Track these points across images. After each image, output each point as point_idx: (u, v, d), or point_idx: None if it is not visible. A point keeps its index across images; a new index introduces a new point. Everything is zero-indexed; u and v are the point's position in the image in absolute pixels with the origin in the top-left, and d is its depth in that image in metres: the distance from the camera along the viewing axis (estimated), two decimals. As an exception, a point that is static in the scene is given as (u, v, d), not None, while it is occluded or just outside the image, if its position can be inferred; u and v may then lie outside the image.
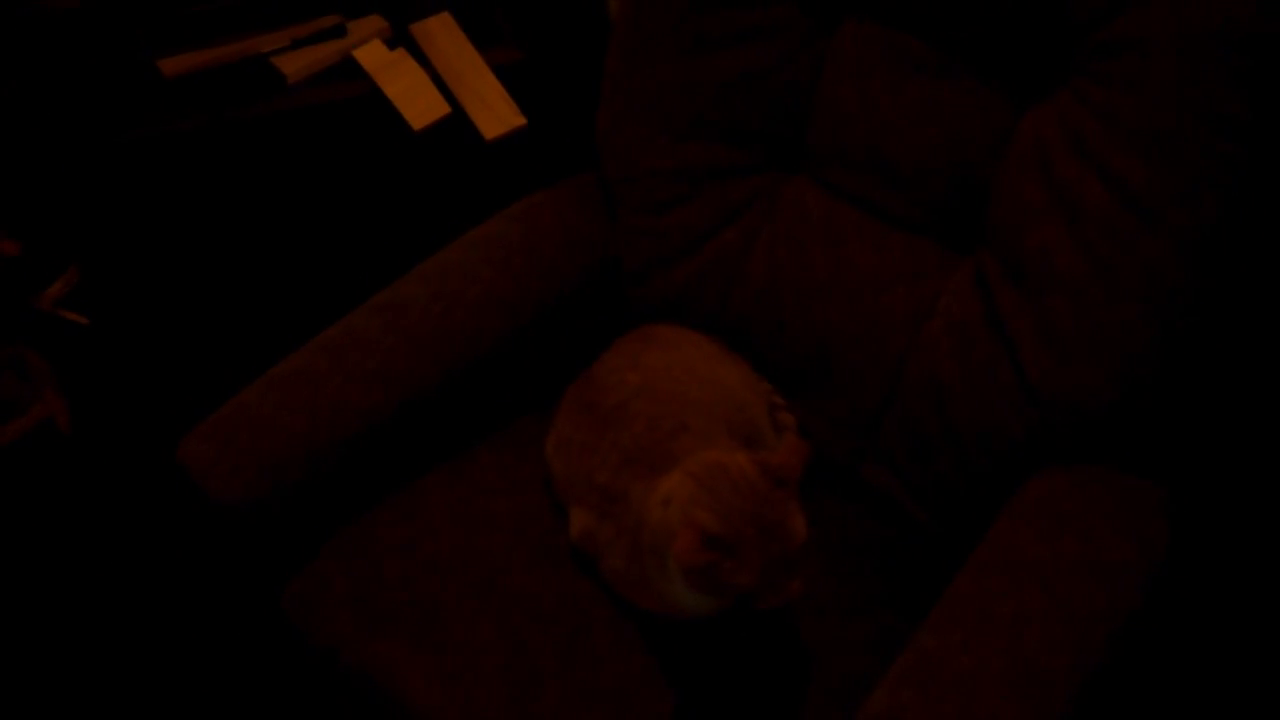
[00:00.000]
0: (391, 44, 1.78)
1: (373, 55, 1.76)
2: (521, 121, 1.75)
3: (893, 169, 1.21)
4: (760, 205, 1.30)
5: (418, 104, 1.74)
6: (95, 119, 1.68)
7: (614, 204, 1.36)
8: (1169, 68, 1.01)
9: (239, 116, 1.70)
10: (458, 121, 1.75)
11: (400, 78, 1.75)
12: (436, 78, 1.76)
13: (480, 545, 1.18)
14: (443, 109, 1.74)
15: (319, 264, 1.84)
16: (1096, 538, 1.04)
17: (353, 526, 1.20)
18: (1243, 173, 1.01)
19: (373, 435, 1.19)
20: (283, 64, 1.73)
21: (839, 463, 1.27)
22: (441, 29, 1.80)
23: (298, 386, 1.18)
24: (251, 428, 1.15)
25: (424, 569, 1.16)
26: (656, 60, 1.29)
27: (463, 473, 1.26)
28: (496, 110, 1.75)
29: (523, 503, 1.22)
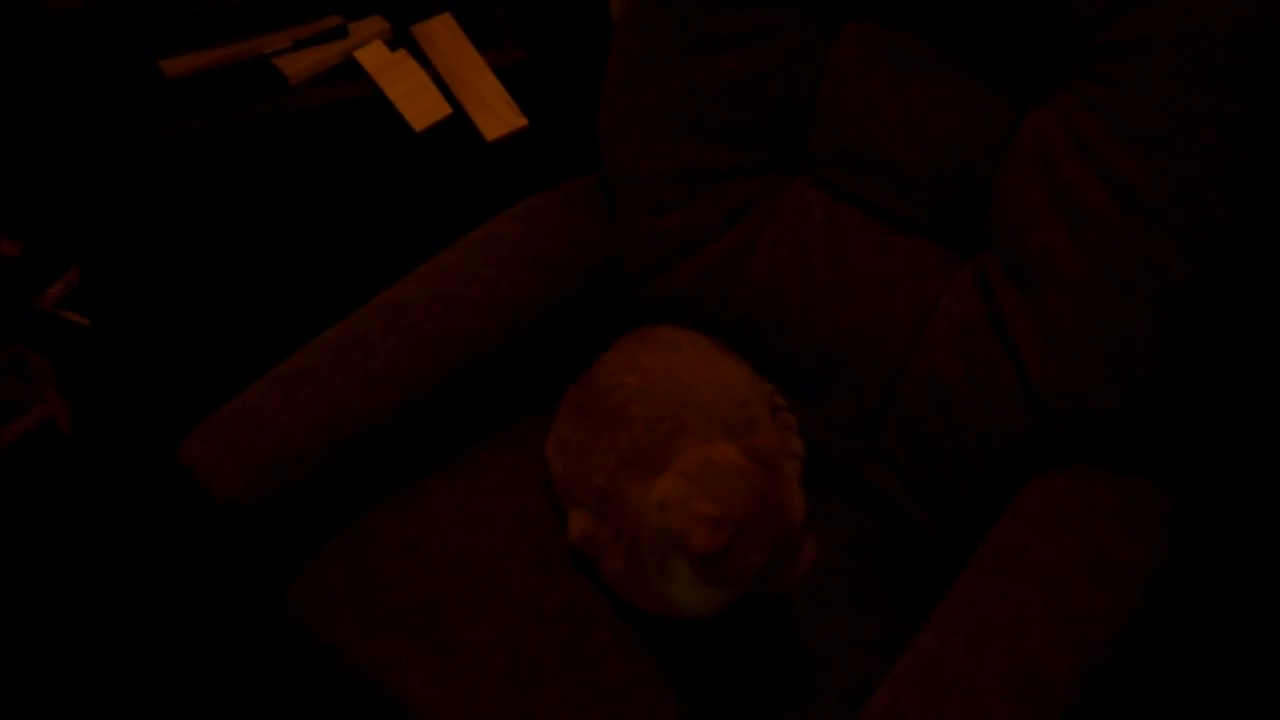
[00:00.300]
0: (393, 45, 1.78)
1: (374, 56, 1.77)
2: (523, 122, 1.76)
3: (895, 170, 1.21)
4: (762, 206, 1.30)
5: (419, 105, 1.74)
6: (97, 119, 1.69)
7: (615, 205, 1.36)
8: (1171, 68, 1.01)
9: (240, 117, 1.70)
10: (459, 122, 1.75)
11: (402, 79, 1.75)
12: (438, 79, 1.76)
13: (482, 545, 1.18)
14: (444, 110, 1.74)
15: (320, 265, 1.85)
16: (1099, 539, 1.04)
17: (354, 526, 1.20)
18: (1245, 174, 1.01)
19: (373, 436, 1.19)
20: (284, 65, 1.73)
21: (841, 463, 1.27)
22: (443, 30, 1.80)
23: (299, 387, 1.18)
24: (253, 428, 1.15)
25: (425, 569, 1.16)
26: (658, 61, 1.28)
27: (464, 473, 1.26)
28: (498, 111, 1.76)
29: (524, 503, 1.22)
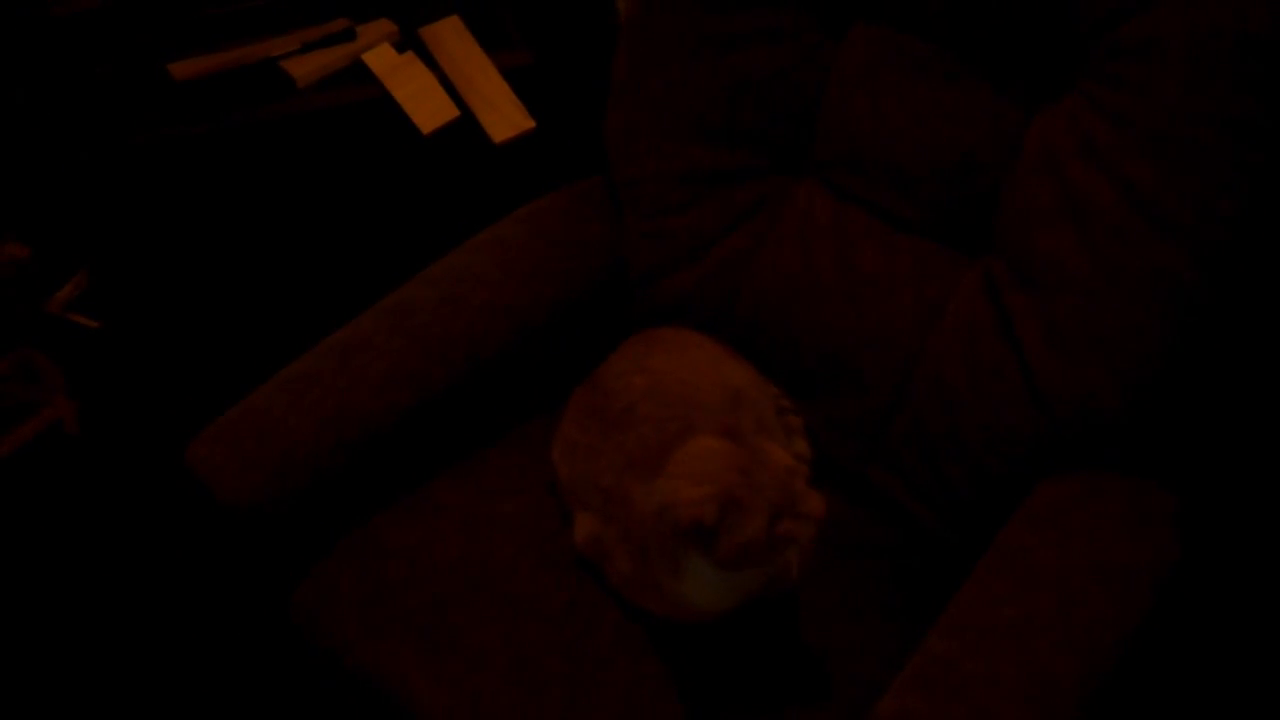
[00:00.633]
0: (401, 48, 1.78)
1: (382, 59, 1.77)
2: (530, 125, 1.76)
3: (901, 172, 1.21)
4: (768, 209, 1.30)
5: (427, 107, 1.74)
6: (106, 123, 1.69)
7: (621, 207, 1.36)
8: (1179, 71, 1.01)
9: (249, 120, 1.70)
10: (466, 125, 1.75)
11: (409, 81, 1.75)
12: (445, 81, 1.76)
13: (488, 548, 1.18)
14: (451, 112, 1.75)
15: (328, 267, 1.85)
16: (1106, 542, 1.04)
17: (360, 529, 1.20)
18: (1254, 176, 1.01)
19: (378, 439, 1.19)
20: (292, 68, 1.73)
21: (847, 466, 1.26)
22: (450, 33, 1.80)
23: (305, 389, 1.18)
24: (259, 430, 1.15)
25: (431, 571, 1.16)
26: (665, 63, 1.28)
27: (471, 475, 1.26)
28: (505, 113, 1.76)
29: (530, 506, 1.22)
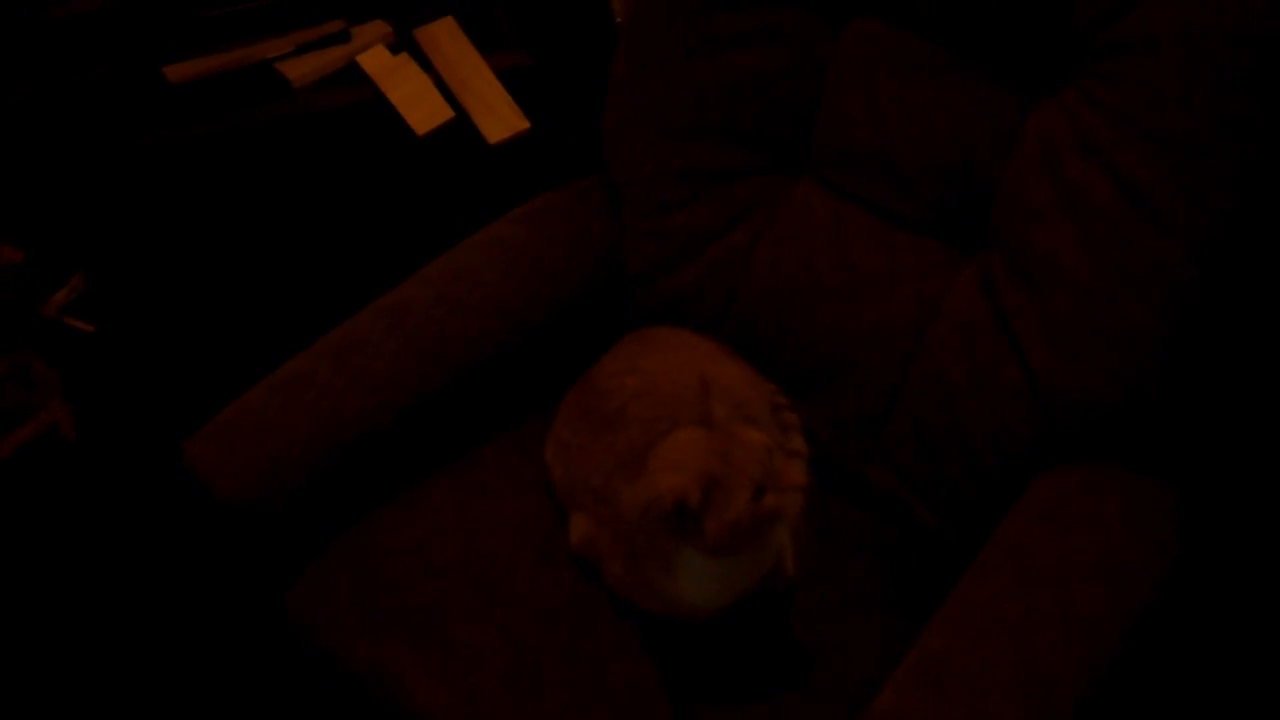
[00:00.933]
0: (395, 49, 1.78)
1: (376, 60, 1.77)
2: (525, 125, 1.76)
3: (898, 170, 1.21)
4: (765, 207, 1.30)
5: (421, 109, 1.74)
6: (101, 126, 1.69)
7: (619, 206, 1.36)
8: (1177, 67, 1.01)
9: (244, 122, 1.70)
10: (461, 126, 1.75)
11: (404, 83, 1.75)
12: (440, 82, 1.76)
13: (485, 547, 1.18)
14: (446, 113, 1.74)
15: (324, 269, 1.84)
16: (1104, 537, 1.04)
17: (357, 528, 1.20)
18: (1251, 171, 1.01)
19: (374, 438, 1.19)
20: (287, 70, 1.73)
21: (845, 464, 1.26)
22: (445, 34, 1.80)
23: (301, 389, 1.18)
24: (255, 430, 1.15)
25: (428, 571, 1.16)
26: (663, 61, 1.28)
27: (468, 474, 1.25)
28: (500, 114, 1.76)
29: (527, 505, 1.22)
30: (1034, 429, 1.11)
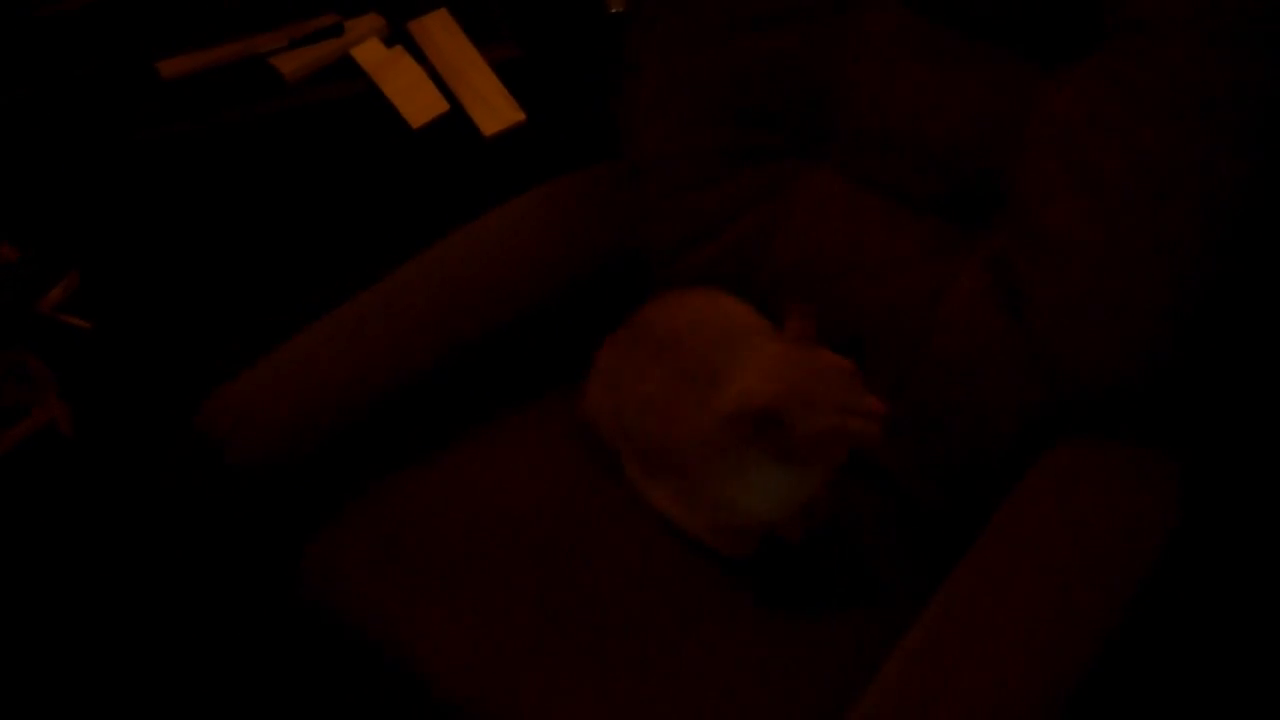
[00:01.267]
0: (389, 42, 1.78)
1: (370, 53, 1.76)
2: (520, 117, 1.75)
3: (913, 150, 1.21)
4: (784, 188, 1.30)
5: (416, 101, 1.74)
6: (94, 122, 1.68)
7: (640, 185, 1.36)
8: (1189, 40, 1.02)
9: (237, 117, 1.70)
10: (456, 118, 1.75)
11: (398, 75, 1.75)
12: (434, 75, 1.76)
13: (504, 509, 1.17)
14: (441, 106, 1.74)
15: (319, 263, 1.84)
16: (1111, 515, 1.04)
17: (374, 490, 1.19)
18: (1263, 143, 1.01)
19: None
20: (281, 64, 1.73)
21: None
22: (439, 26, 1.80)
23: (318, 354, 1.20)
24: (272, 392, 1.17)
25: (445, 532, 1.15)
26: (680, 44, 1.30)
27: (485, 438, 1.25)
28: (495, 107, 1.75)
29: (548, 467, 1.22)
30: (1044, 404, 1.11)
